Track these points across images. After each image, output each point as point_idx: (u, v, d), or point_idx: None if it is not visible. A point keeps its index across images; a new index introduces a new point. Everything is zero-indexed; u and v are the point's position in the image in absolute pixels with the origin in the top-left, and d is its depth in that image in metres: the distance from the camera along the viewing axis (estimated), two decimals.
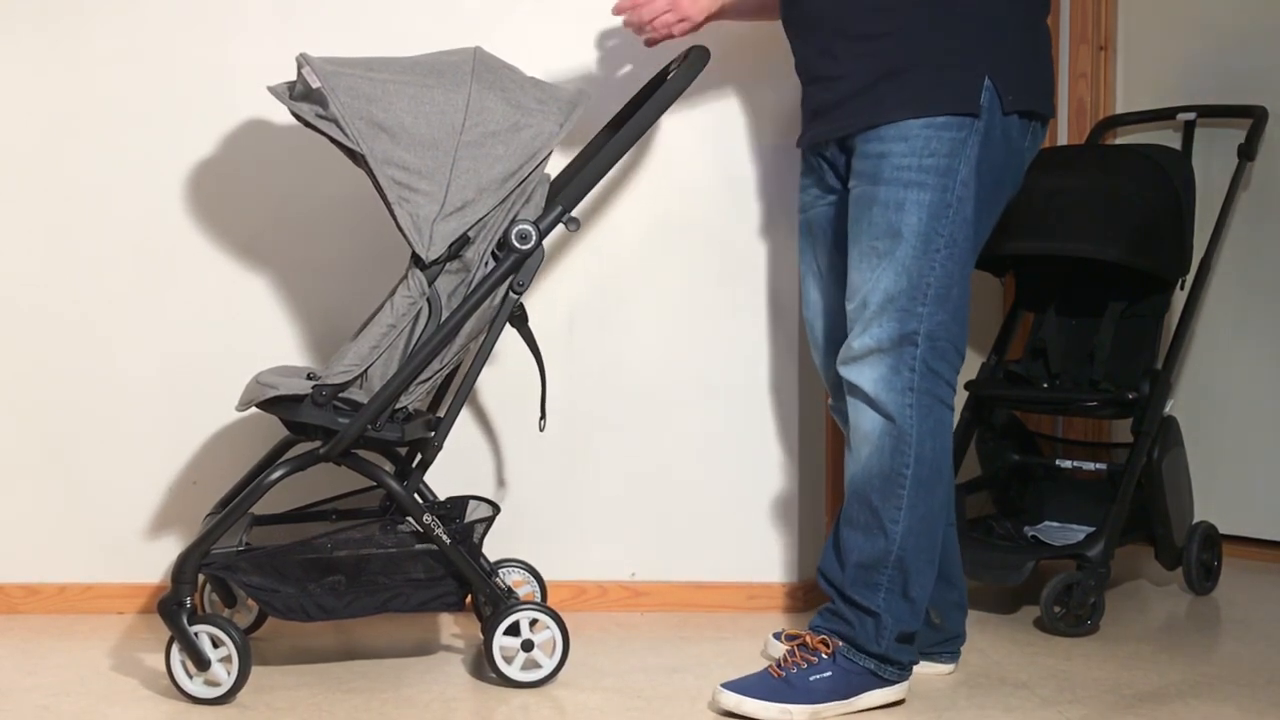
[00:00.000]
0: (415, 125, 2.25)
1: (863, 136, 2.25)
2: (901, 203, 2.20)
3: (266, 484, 2.31)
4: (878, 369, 2.24)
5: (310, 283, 2.84)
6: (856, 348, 2.26)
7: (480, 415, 2.87)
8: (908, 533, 2.25)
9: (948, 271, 2.22)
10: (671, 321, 2.88)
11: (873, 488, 2.26)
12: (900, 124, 2.20)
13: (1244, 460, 3.35)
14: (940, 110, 2.19)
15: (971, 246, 2.26)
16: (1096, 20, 3.53)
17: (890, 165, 2.21)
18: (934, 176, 2.20)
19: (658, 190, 2.86)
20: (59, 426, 2.83)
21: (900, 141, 2.21)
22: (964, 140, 2.20)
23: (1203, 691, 2.39)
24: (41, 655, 2.57)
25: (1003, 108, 2.22)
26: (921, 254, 2.21)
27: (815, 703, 2.24)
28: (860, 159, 2.26)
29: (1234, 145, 3.17)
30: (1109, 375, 2.95)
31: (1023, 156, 2.31)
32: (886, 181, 2.22)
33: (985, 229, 2.32)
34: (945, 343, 2.24)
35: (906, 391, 2.23)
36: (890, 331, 2.22)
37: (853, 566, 2.28)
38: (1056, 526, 3.08)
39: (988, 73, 2.20)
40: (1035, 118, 2.30)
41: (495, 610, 2.37)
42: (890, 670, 2.29)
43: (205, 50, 2.80)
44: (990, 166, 2.24)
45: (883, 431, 2.25)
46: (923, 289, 2.21)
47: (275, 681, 2.41)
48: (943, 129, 2.19)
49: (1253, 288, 3.33)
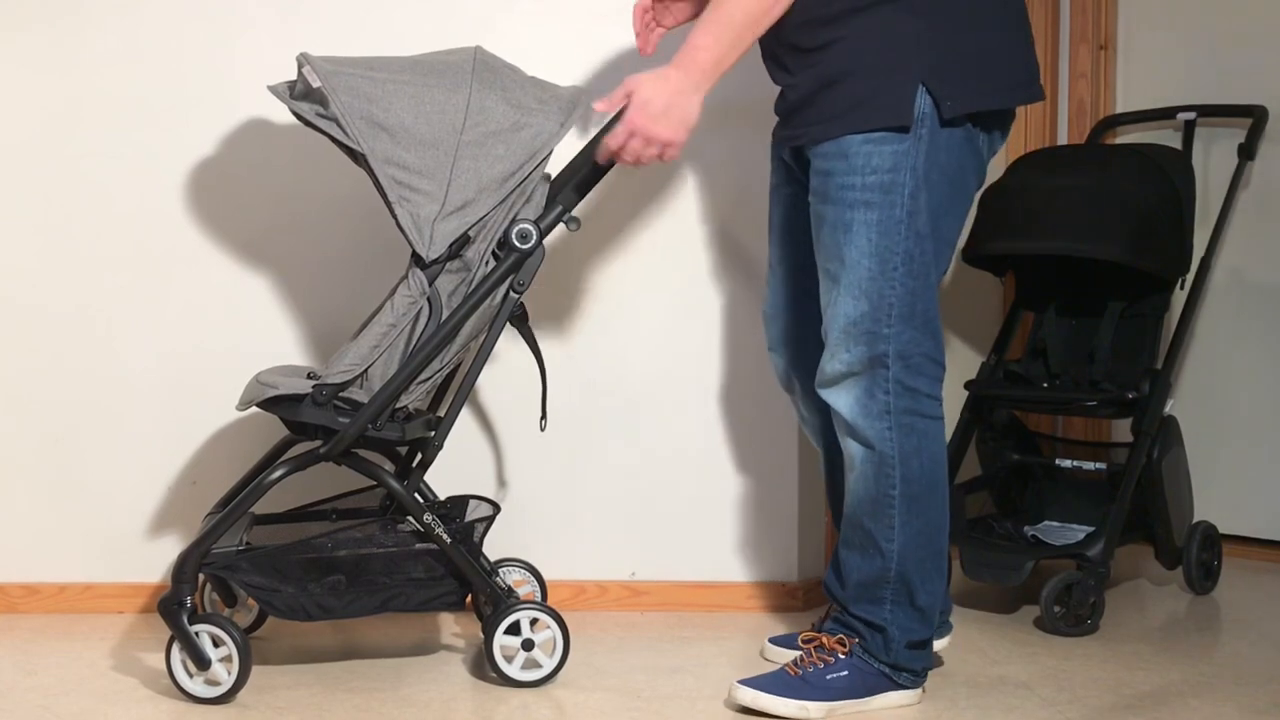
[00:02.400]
0: (416, 125, 2.25)
1: (811, 150, 2.22)
2: (849, 224, 2.16)
3: (267, 483, 2.31)
4: (853, 392, 2.22)
5: (310, 282, 2.84)
6: (829, 371, 2.24)
7: (480, 415, 2.87)
8: (905, 548, 2.24)
9: (908, 289, 2.17)
10: (672, 321, 2.88)
11: (864, 511, 2.26)
12: (839, 140, 2.16)
13: (1244, 460, 3.35)
14: (874, 123, 2.13)
15: (931, 259, 2.20)
16: (1096, 20, 3.53)
17: (835, 185, 2.17)
18: (879, 194, 2.14)
19: (657, 191, 2.86)
20: (59, 425, 2.83)
21: (841, 159, 2.16)
22: (905, 152, 2.13)
23: (1203, 691, 2.39)
24: (41, 655, 2.57)
25: (941, 114, 2.14)
26: (879, 274, 2.16)
27: (832, 700, 2.24)
28: (813, 174, 2.22)
29: (1234, 145, 3.17)
30: (1109, 375, 2.95)
31: (980, 156, 2.24)
32: (833, 202, 2.18)
33: (951, 233, 2.25)
34: (919, 358, 2.20)
35: (883, 415, 2.20)
36: (859, 355, 2.19)
37: (854, 585, 2.28)
38: (1056, 526, 3.08)
39: (924, 79, 2.12)
40: (992, 118, 2.21)
41: (496, 610, 2.37)
42: (905, 676, 2.28)
43: (206, 50, 2.80)
44: (941, 173, 2.17)
45: (864, 458, 2.23)
46: (885, 309, 2.17)
47: (275, 681, 2.41)
48: (881, 143, 2.13)
49: (1253, 287, 3.33)
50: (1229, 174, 3.16)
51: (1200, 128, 3.27)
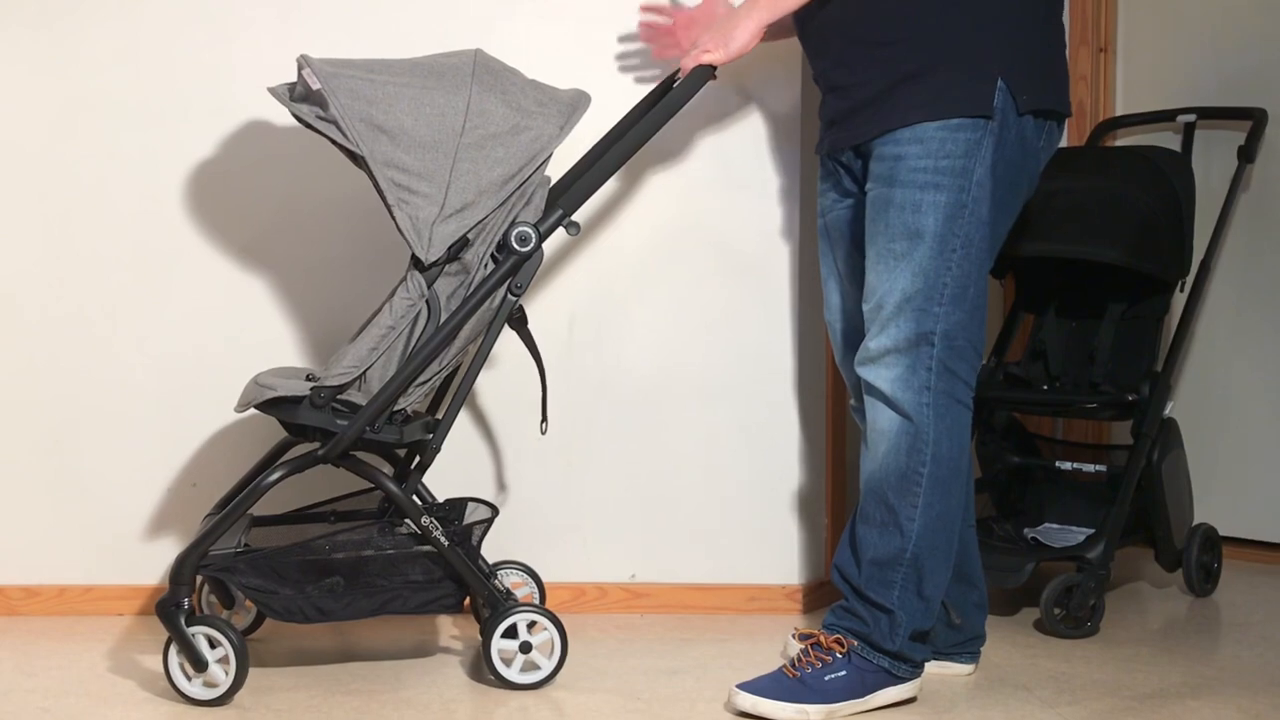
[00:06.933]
0: (415, 127, 2.25)
1: (879, 141, 2.26)
2: (918, 205, 2.22)
3: (265, 485, 2.31)
4: (895, 369, 2.25)
5: (309, 284, 2.84)
6: (873, 348, 2.27)
7: (479, 417, 2.87)
8: (924, 531, 2.25)
9: (964, 271, 2.23)
10: (671, 324, 2.88)
11: (889, 486, 2.27)
12: (915, 127, 2.22)
13: (1244, 462, 3.34)
14: (954, 112, 2.21)
15: (988, 247, 2.27)
16: (1097, 22, 3.53)
17: (906, 168, 2.23)
18: (949, 178, 2.21)
19: (657, 192, 2.86)
20: (58, 427, 2.83)
21: (916, 144, 2.22)
22: (979, 141, 2.21)
23: (1203, 693, 2.39)
24: (40, 657, 2.57)
25: (1017, 108, 2.23)
26: (938, 255, 2.22)
27: (831, 702, 2.25)
28: (876, 162, 2.27)
29: (1234, 147, 3.17)
30: (1109, 377, 2.95)
31: (1038, 156, 2.32)
32: (903, 184, 2.23)
33: (1002, 229, 2.33)
34: (963, 342, 2.25)
35: (924, 391, 2.24)
36: (907, 331, 2.23)
37: (868, 564, 2.29)
38: (1056, 528, 3.08)
39: (1001, 74, 2.21)
40: (1052, 116, 2.31)
41: (494, 612, 2.37)
42: (904, 668, 2.29)
43: (205, 51, 2.80)
44: (1006, 167, 2.26)
45: (900, 430, 2.25)
46: (939, 289, 2.23)
47: (273, 683, 2.41)
48: (957, 130, 2.21)
49: (1253, 289, 3.33)
50: (1229, 176, 3.16)
51: (1200, 130, 3.27)
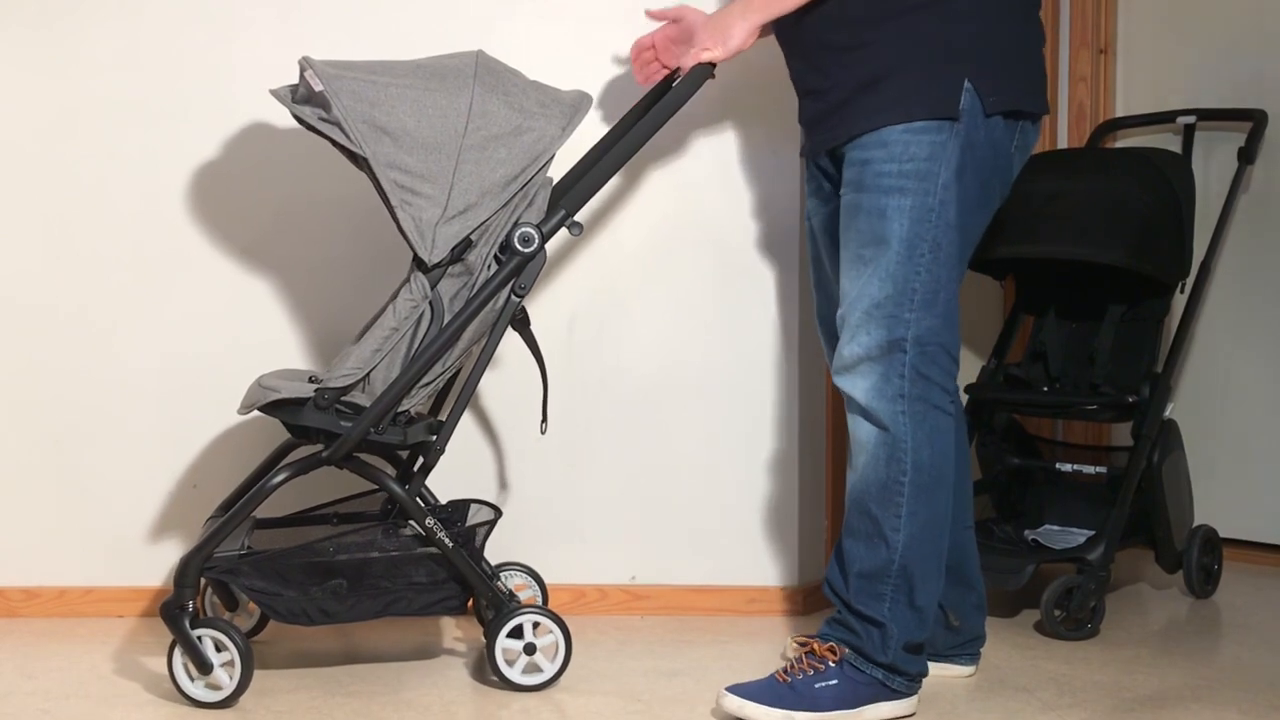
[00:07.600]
0: (418, 128, 2.25)
1: (848, 145, 2.26)
2: (884, 210, 2.20)
3: (269, 487, 2.31)
4: (869, 378, 2.23)
5: (312, 285, 2.84)
6: (846, 355, 2.25)
7: (482, 419, 2.87)
8: (910, 541, 2.24)
9: (934, 276, 2.21)
10: (672, 325, 2.88)
11: (871, 497, 2.25)
12: (879, 131, 2.21)
13: (1244, 463, 3.35)
14: (918, 115, 2.19)
15: (958, 250, 2.25)
16: (1096, 24, 3.53)
17: (871, 172, 2.21)
18: (914, 181, 2.19)
19: (658, 193, 2.86)
20: (59, 428, 2.83)
21: (880, 148, 2.21)
22: (943, 144, 2.19)
23: (1203, 695, 2.39)
24: (42, 659, 2.57)
25: (985, 109, 2.20)
26: (906, 260, 2.20)
27: (819, 710, 2.22)
28: (847, 167, 2.26)
29: (1234, 149, 3.17)
30: (1109, 378, 2.95)
31: (1010, 158, 2.29)
32: (869, 189, 2.22)
33: (975, 232, 2.30)
34: (935, 347, 2.23)
35: (898, 399, 2.22)
36: (878, 338, 2.21)
37: (855, 577, 2.27)
38: (1057, 530, 3.08)
39: (968, 75, 2.19)
40: (1023, 117, 2.28)
41: (498, 613, 2.37)
42: (899, 681, 2.27)
43: (207, 52, 2.80)
44: (975, 169, 2.23)
45: (877, 441, 2.24)
46: (909, 294, 2.20)
47: (277, 685, 2.41)
48: (920, 133, 2.19)
49: (1253, 291, 3.33)
50: (1229, 178, 3.16)
51: (1200, 131, 3.27)
